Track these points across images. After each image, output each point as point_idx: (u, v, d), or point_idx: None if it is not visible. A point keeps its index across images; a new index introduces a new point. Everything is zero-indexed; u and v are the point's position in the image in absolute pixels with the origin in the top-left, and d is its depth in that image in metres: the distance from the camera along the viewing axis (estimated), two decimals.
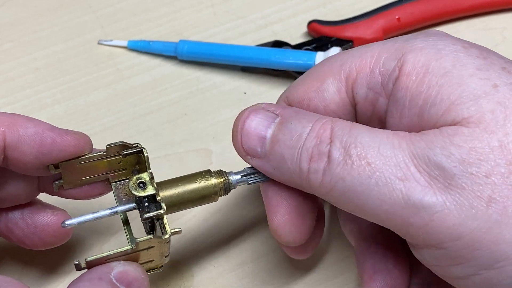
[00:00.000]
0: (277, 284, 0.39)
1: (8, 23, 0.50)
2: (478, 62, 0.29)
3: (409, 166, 0.28)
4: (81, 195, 0.35)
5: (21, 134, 0.32)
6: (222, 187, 0.34)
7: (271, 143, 0.31)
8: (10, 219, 0.35)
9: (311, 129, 0.30)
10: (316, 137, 0.30)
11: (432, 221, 0.27)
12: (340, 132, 0.30)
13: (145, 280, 0.32)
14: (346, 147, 0.29)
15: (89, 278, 0.30)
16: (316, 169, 0.30)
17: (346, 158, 0.29)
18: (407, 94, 0.30)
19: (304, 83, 0.34)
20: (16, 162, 0.32)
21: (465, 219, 0.27)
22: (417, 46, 0.30)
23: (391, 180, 0.28)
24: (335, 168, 0.29)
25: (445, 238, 0.27)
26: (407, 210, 0.28)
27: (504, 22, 0.50)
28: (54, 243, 0.36)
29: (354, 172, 0.28)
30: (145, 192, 0.32)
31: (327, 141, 0.30)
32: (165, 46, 0.48)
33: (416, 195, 0.27)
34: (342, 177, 0.29)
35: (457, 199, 0.27)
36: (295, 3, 0.52)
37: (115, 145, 0.33)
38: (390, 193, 0.28)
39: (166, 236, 0.31)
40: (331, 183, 0.29)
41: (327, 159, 0.29)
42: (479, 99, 0.28)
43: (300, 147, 0.30)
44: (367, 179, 0.28)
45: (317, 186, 0.30)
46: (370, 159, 0.28)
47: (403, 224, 0.28)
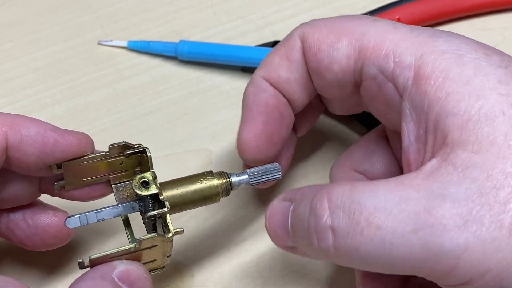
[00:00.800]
0: (277, 284, 0.39)
1: (8, 23, 0.50)
2: (499, 72, 0.29)
3: (420, 215, 0.27)
4: (82, 197, 0.35)
5: (24, 135, 0.32)
6: (223, 188, 0.34)
7: (292, 233, 0.31)
8: (12, 220, 0.35)
9: (310, 209, 0.30)
10: (314, 215, 0.29)
11: (458, 264, 0.27)
12: (339, 200, 0.29)
13: (147, 279, 0.32)
14: (351, 214, 0.28)
15: (92, 277, 0.30)
16: (326, 248, 0.29)
17: (354, 227, 0.28)
18: (425, 99, 0.29)
19: (322, 29, 0.33)
20: (18, 163, 0.32)
21: (489, 253, 0.26)
22: (439, 49, 0.30)
23: (405, 236, 0.27)
24: (345, 240, 0.28)
25: (472, 276, 0.27)
26: (430, 260, 0.27)
27: (504, 22, 0.50)
28: (55, 244, 0.36)
29: (365, 239, 0.28)
30: (148, 191, 0.32)
31: (325, 214, 0.29)
32: (165, 46, 0.48)
33: (435, 243, 0.27)
34: (355, 248, 0.28)
35: (478, 235, 0.26)
36: (295, 3, 0.52)
37: (118, 146, 0.33)
38: (408, 249, 0.27)
39: (170, 235, 0.31)
40: (346, 255, 0.28)
41: (331, 234, 0.29)
42: (495, 120, 0.28)
43: (306, 231, 0.30)
44: (381, 243, 0.27)
45: (338, 260, 0.29)
46: (379, 222, 0.27)
47: (430, 273, 0.28)
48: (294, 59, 0.35)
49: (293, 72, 0.35)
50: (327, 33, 0.33)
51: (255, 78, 0.36)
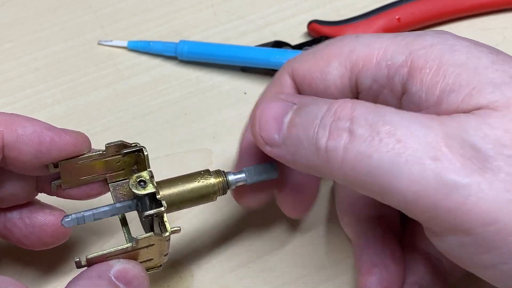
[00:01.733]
0: (277, 284, 0.39)
1: (8, 23, 0.50)
2: (492, 57, 0.29)
3: (441, 146, 0.27)
4: (79, 195, 0.35)
5: (20, 134, 0.32)
6: (220, 187, 0.34)
7: (288, 127, 0.31)
8: (9, 219, 0.35)
9: (328, 108, 0.29)
10: (333, 114, 0.29)
11: (465, 204, 0.26)
12: (363, 110, 0.28)
13: (144, 278, 0.32)
14: (373, 124, 0.28)
15: (88, 276, 0.30)
16: (335, 147, 0.28)
17: (373, 135, 0.27)
18: (422, 87, 0.29)
19: (310, 59, 0.33)
20: (14, 162, 0.32)
21: (499, 203, 0.26)
22: (427, 43, 0.30)
23: (423, 159, 0.27)
24: (360, 145, 0.28)
25: (477, 223, 0.26)
26: (438, 191, 0.26)
27: (504, 22, 0.50)
28: (53, 243, 0.36)
29: (383, 149, 0.27)
30: (145, 190, 0.32)
31: (346, 117, 0.28)
32: (165, 46, 0.48)
33: (450, 175, 0.26)
34: (368, 154, 0.27)
35: (493, 181, 0.26)
36: (295, 3, 0.52)
37: (114, 144, 0.33)
38: (421, 172, 0.27)
39: (166, 234, 0.31)
40: (355, 160, 0.28)
41: (348, 135, 0.28)
42: (501, 86, 0.28)
43: (316, 125, 0.29)
44: (397, 157, 0.27)
45: (337, 165, 0.28)
46: (401, 137, 0.27)
47: (432, 207, 0.27)
48: None
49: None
50: (315, 61, 0.33)
51: (247, 131, 0.36)
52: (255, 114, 0.32)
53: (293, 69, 0.34)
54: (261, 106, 0.32)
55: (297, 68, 0.34)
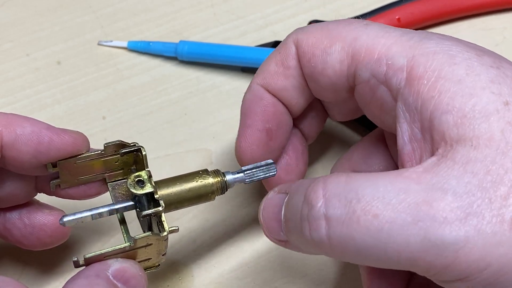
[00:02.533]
0: (277, 284, 0.39)
1: (8, 23, 0.50)
2: (491, 72, 0.29)
3: (421, 206, 0.27)
4: (78, 195, 0.35)
5: (18, 133, 0.32)
6: (219, 187, 0.34)
7: (285, 224, 0.31)
8: (8, 219, 0.35)
9: (304, 197, 0.29)
10: (308, 203, 0.29)
11: (457, 258, 0.26)
12: (335, 189, 0.28)
13: (142, 277, 0.32)
14: (348, 203, 0.28)
15: (86, 275, 0.30)
16: (319, 237, 0.28)
17: (350, 215, 0.27)
18: (418, 98, 0.29)
19: (315, 34, 0.34)
20: (13, 162, 0.32)
21: (490, 247, 0.26)
22: (430, 50, 0.30)
23: (404, 226, 0.27)
24: (340, 229, 0.28)
25: (472, 271, 0.26)
26: (428, 253, 0.27)
27: (504, 22, 0.50)
28: (52, 243, 0.36)
29: (362, 228, 0.27)
30: (143, 190, 0.32)
31: (319, 202, 0.28)
32: (165, 46, 0.48)
33: (435, 234, 0.26)
34: (351, 237, 0.27)
35: (479, 229, 0.26)
36: (295, 3, 0.52)
37: (113, 144, 0.33)
38: (406, 241, 0.27)
39: (164, 234, 0.31)
40: (341, 245, 0.28)
41: (325, 222, 0.28)
42: (490, 117, 0.28)
43: (298, 219, 0.29)
44: (378, 233, 0.27)
45: (329, 251, 0.29)
46: (377, 211, 0.27)
47: (427, 267, 0.27)
48: (289, 65, 0.35)
49: (290, 78, 0.35)
50: (321, 38, 0.33)
51: (253, 85, 0.36)
52: (260, 217, 0.33)
53: (299, 39, 0.34)
54: (261, 207, 0.33)
55: (302, 39, 0.34)
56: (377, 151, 0.37)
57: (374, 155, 0.37)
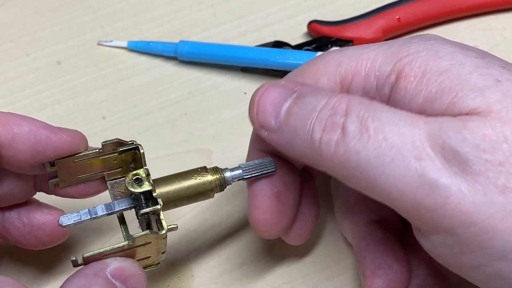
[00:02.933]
0: (277, 284, 0.39)
1: (8, 23, 0.50)
2: (477, 61, 0.29)
3: (425, 146, 0.27)
4: (77, 194, 0.35)
5: (16, 132, 0.32)
6: (218, 184, 0.34)
7: (286, 115, 0.31)
8: (7, 219, 0.35)
9: (327, 102, 0.30)
10: (331, 109, 0.29)
11: (446, 204, 0.27)
12: (357, 105, 0.29)
13: (141, 276, 0.32)
14: (363, 120, 0.28)
15: (84, 274, 0.30)
16: (328, 140, 0.29)
17: (362, 131, 0.28)
18: (406, 94, 0.30)
19: (297, 79, 0.33)
20: (11, 161, 0.32)
21: (479, 205, 0.26)
22: (413, 50, 0.30)
23: (407, 158, 0.27)
24: (350, 141, 0.28)
25: (458, 223, 0.27)
26: (421, 190, 0.27)
27: (504, 22, 0.50)
28: (51, 242, 0.36)
29: (370, 146, 0.28)
30: (141, 188, 0.32)
31: (342, 113, 0.29)
32: (165, 46, 0.48)
33: (432, 175, 0.27)
34: (357, 150, 0.28)
35: (472, 185, 0.26)
36: (295, 3, 0.52)
37: (111, 142, 0.33)
38: (405, 171, 0.27)
39: (163, 232, 0.31)
40: (344, 155, 0.28)
41: (341, 130, 0.29)
42: (483, 91, 0.28)
43: (313, 117, 0.30)
44: (383, 155, 0.27)
45: (328, 158, 0.29)
46: (388, 134, 0.28)
47: (416, 205, 0.27)
48: None
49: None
50: (303, 81, 0.33)
51: (252, 151, 0.36)
52: (254, 98, 0.32)
53: None
54: (261, 89, 0.32)
55: None
56: None
57: None
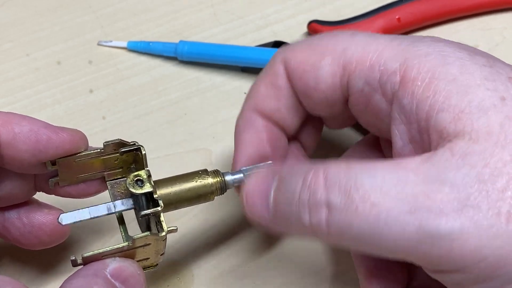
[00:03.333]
0: (277, 284, 0.39)
1: (8, 23, 0.50)
2: (485, 71, 0.29)
3: (418, 197, 0.27)
4: (77, 193, 0.35)
5: (16, 132, 0.32)
6: (218, 187, 0.34)
7: (274, 206, 0.31)
8: (7, 219, 0.35)
9: (303, 182, 0.29)
10: (308, 188, 0.29)
11: (452, 249, 0.26)
12: (335, 177, 0.28)
13: (141, 276, 0.32)
14: (347, 190, 0.28)
15: (84, 275, 0.30)
16: (318, 221, 0.29)
17: (348, 203, 0.28)
18: (413, 99, 0.29)
19: (303, 51, 0.33)
20: (11, 160, 0.32)
21: (486, 239, 0.26)
22: (422, 52, 0.30)
23: (401, 216, 0.27)
24: (339, 216, 0.28)
25: (468, 262, 0.27)
26: (424, 243, 0.27)
27: (504, 22, 0.50)
28: (51, 242, 0.36)
29: (360, 216, 0.27)
30: (142, 189, 0.32)
31: (321, 188, 0.29)
32: (165, 47, 0.48)
33: (430, 225, 0.26)
34: (348, 224, 0.28)
35: (475, 220, 0.26)
36: (295, 3, 0.52)
37: (113, 143, 0.33)
38: (402, 230, 0.27)
39: (163, 234, 0.31)
40: (338, 231, 0.28)
41: (326, 207, 0.28)
42: (488, 111, 0.28)
43: (296, 204, 0.29)
44: (376, 221, 0.27)
45: (325, 237, 0.29)
46: (374, 200, 0.27)
47: (423, 257, 0.27)
48: (279, 85, 0.35)
49: (281, 99, 0.35)
50: (309, 54, 0.33)
51: (244, 111, 0.36)
52: (242, 197, 0.32)
53: (286, 58, 0.34)
54: (245, 188, 0.32)
55: (290, 58, 0.34)
56: (373, 155, 0.37)
57: (370, 158, 0.37)
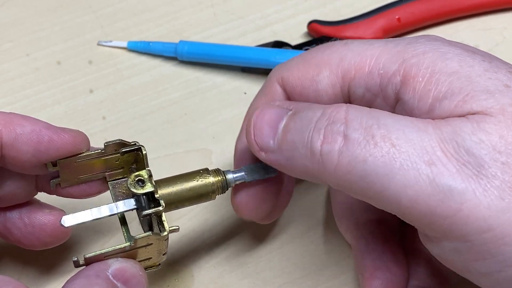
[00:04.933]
0: (277, 284, 0.39)
1: (8, 23, 0.50)
2: (485, 64, 0.29)
3: (436, 150, 0.27)
4: (79, 194, 0.35)
5: (18, 133, 0.32)
6: (219, 186, 0.34)
7: (283, 133, 0.30)
8: (9, 219, 0.35)
9: (322, 112, 0.29)
10: (328, 118, 0.29)
11: (460, 211, 0.26)
12: (358, 113, 0.28)
13: (143, 277, 0.32)
14: (368, 127, 0.28)
15: (86, 275, 0.30)
16: (329, 150, 0.28)
17: (368, 139, 0.27)
18: (415, 94, 0.29)
19: (300, 68, 0.33)
20: (13, 161, 0.32)
21: (495, 210, 0.26)
22: (419, 51, 0.30)
23: (418, 164, 0.26)
24: (355, 149, 0.27)
25: (472, 230, 0.26)
26: (433, 197, 0.26)
27: (504, 22, 0.50)
28: (52, 243, 0.36)
29: (377, 153, 0.27)
30: (143, 189, 0.32)
31: (341, 121, 0.28)
32: (165, 47, 0.48)
33: (444, 180, 0.26)
34: (363, 159, 0.27)
35: (488, 189, 0.26)
36: (295, 3, 0.52)
37: (113, 143, 0.33)
38: (416, 178, 0.26)
39: (165, 233, 0.31)
40: (349, 165, 0.28)
41: (342, 139, 0.28)
42: (494, 94, 0.27)
43: (311, 129, 0.29)
44: (392, 162, 0.27)
45: (332, 169, 0.28)
46: (395, 141, 0.27)
47: (427, 213, 0.27)
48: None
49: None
50: (306, 69, 0.33)
51: (243, 133, 0.36)
52: (250, 121, 0.32)
53: (282, 77, 0.34)
54: (255, 112, 0.32)
55: (287, 76, 0.34)
56: None
57: None
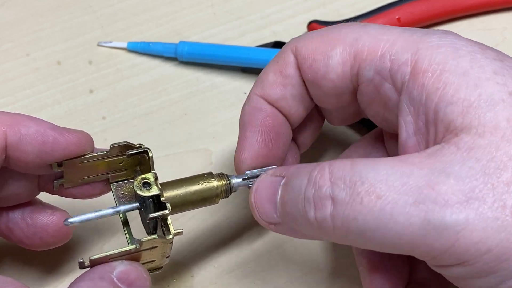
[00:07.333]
0: (277, 284, 0.39)
1: (8, 23, 0.50)
2: (495, 64, 0.29)
3: (422, 189, 0.27)
4: (81, 194, 0.35)
5: (23, 133, 0.32)
6: (223, 190, 0.34)
7: (281, 206, 0.31)
8: (11, 219, 0.35)
9: (308, 178, 0.30)
10: (313, 184, 0.29)
11: (457, 241, 0.26)
12: (340, 172, 0.29)
13: (147, 279, 0.32)
14: (352, 185, 0.28)
15: (91, 277, 0.30)
16: (323, 216, 0.29)
17: (354, 197, 0.28)
18: (423, 91, 0.29)
19: (314, 41, 0.34)
20: (17, 162, 0.32)
21: (491, 232, 0.26)
22: (434, 44, 0.30)
23: (405, 208, 0.27)
24: (344, 210, 0.28)
25: (472, 255, 0.27)
26: (429, 236, 0.27)
27: (504, 22, 0.50)
28: (54, 243, 0.36)
29: (365, 209, 0.28)
30: (149, 192, 0.32)
31: (326, 183, 0.29)
32: (165, 47, 0.48)
33: (435, 216, 0.27)
34: (354, 217, 0.28)
35: (480, 213, 0.26)
36: (295, 3, 0.52)
37: (119, 145, 0.33)
38: (407, 222, 0.27)
39: (170, 236, 0.31)
40: (343, 226, 0.28)
41: (331, 202, 0.29)
42: (496, 106, 0.28)
43: (301, 200, 0.30)
44: (381, 213, 0.27)
45: (331, 232, 0.29)
46: (380, 192, 0.27)
47: (428, 250, 0.27)
48: (288, 74, 0.35)
49: (289, 87, 0.35)
50: (320, 43, 0.33)
51: (251, 96, 0.36)
52: (250, 199, 0.33)
53: (297, 47, 0.34)
54: (253, 190, 0.33)
55: (301, 47, 0.34)
56: (376, 151, 0.37)
57: (373, 155, 0.37)
